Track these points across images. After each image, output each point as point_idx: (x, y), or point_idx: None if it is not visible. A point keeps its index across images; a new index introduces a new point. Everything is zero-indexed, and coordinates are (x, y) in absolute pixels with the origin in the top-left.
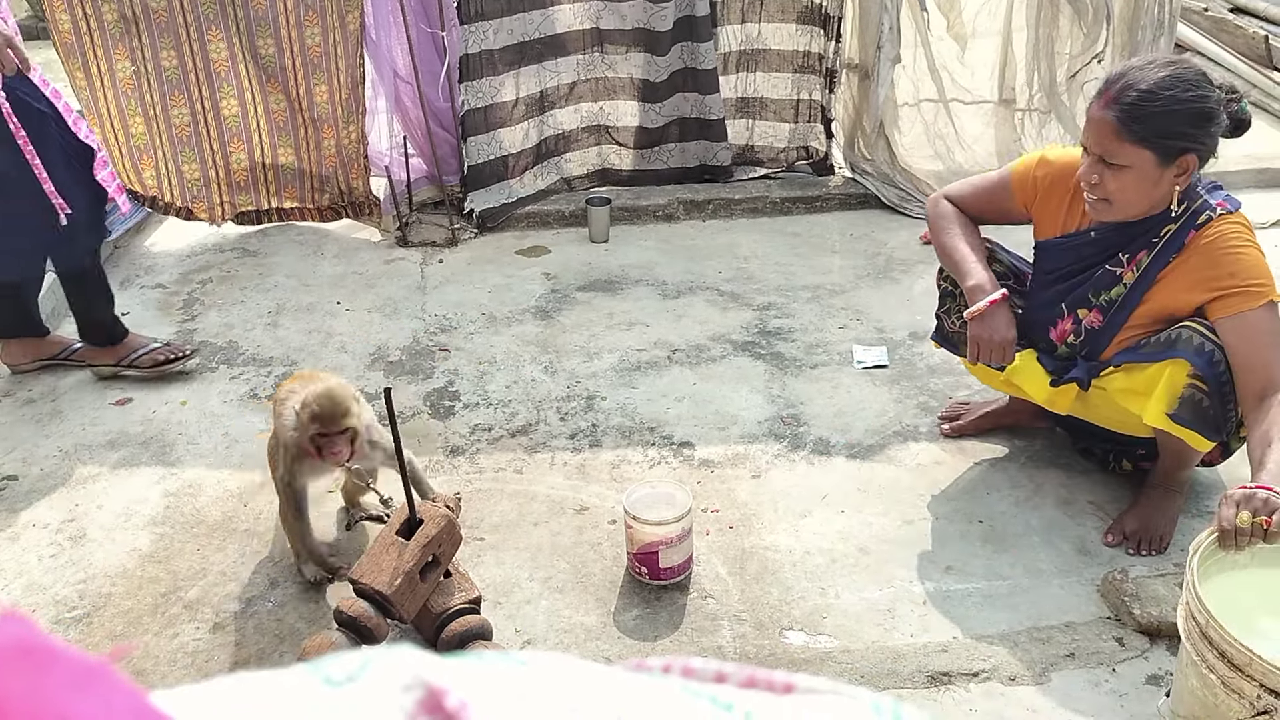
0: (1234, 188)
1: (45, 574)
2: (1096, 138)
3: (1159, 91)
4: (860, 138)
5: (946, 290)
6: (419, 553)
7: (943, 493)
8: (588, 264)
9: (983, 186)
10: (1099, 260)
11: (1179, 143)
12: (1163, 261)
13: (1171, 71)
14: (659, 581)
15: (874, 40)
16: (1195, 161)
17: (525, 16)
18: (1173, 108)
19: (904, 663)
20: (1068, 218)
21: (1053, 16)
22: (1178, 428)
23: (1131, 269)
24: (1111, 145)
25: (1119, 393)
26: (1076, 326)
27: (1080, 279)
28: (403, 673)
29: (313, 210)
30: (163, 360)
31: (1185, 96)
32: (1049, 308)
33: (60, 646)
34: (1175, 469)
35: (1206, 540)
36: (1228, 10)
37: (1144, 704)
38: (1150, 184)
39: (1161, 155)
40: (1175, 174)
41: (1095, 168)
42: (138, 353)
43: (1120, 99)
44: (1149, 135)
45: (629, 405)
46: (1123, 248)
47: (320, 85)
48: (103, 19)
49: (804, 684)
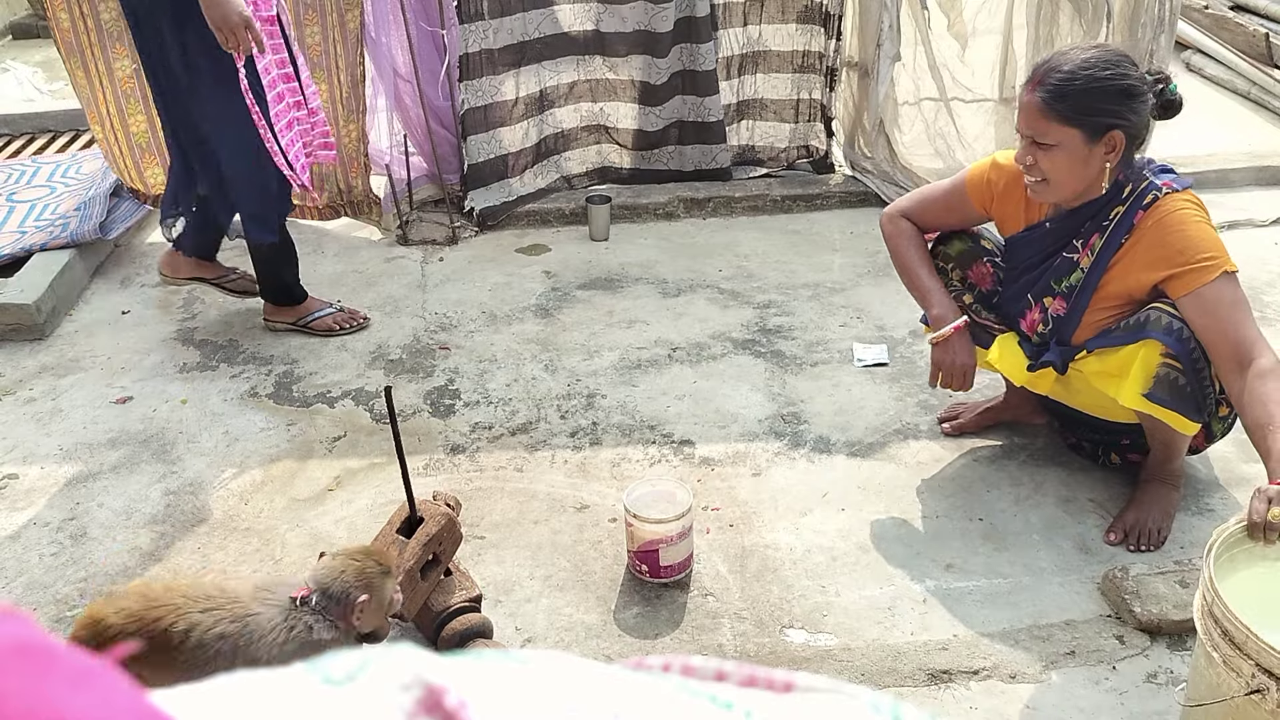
0: (1234, 185)
1: (46, 572)
2: (1026, 120)
3: (1080, 71)
4: (860, 136)
5: (938, 268)
6: (419, 551)
7: (943, 491)
8: (588, 262)
9: (936, 197)
10: (1057, 248)
11: (1104, 119)
12: (1115, 243)
13: (1092, 54)
14: (659, 579)
15: (874, 38)
16: (1123, 139)
17: (525, 16)
18: (1093, 85)
19: (904, 661)
20: (1027, 214)
21: (1053, 14)
22: (1156, 408)
23: (1086, 253)
24: (1040, 125)
25: (1094, 376)
26: (1044, 315)
27: (1042, 269)
28: (402, 671)
29: (311, 209)
30: (335, 326)
31: (1105, 75)
32: (1017, 300)
33: (60, 645)
34: (1165, 460)
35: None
36: (1228, 8)
37: (1144, 702)
38: (1080, 162)
39: (1088, 132)
40: (1105, 151)
41: (1029, 150)
42: (314, 315)
43: (1045, 81)
44: (1073, 113)
45: (629, 403)
46: (1076, 233)
47: (320, 85)
48: (99, 18)
49: (804, 682)
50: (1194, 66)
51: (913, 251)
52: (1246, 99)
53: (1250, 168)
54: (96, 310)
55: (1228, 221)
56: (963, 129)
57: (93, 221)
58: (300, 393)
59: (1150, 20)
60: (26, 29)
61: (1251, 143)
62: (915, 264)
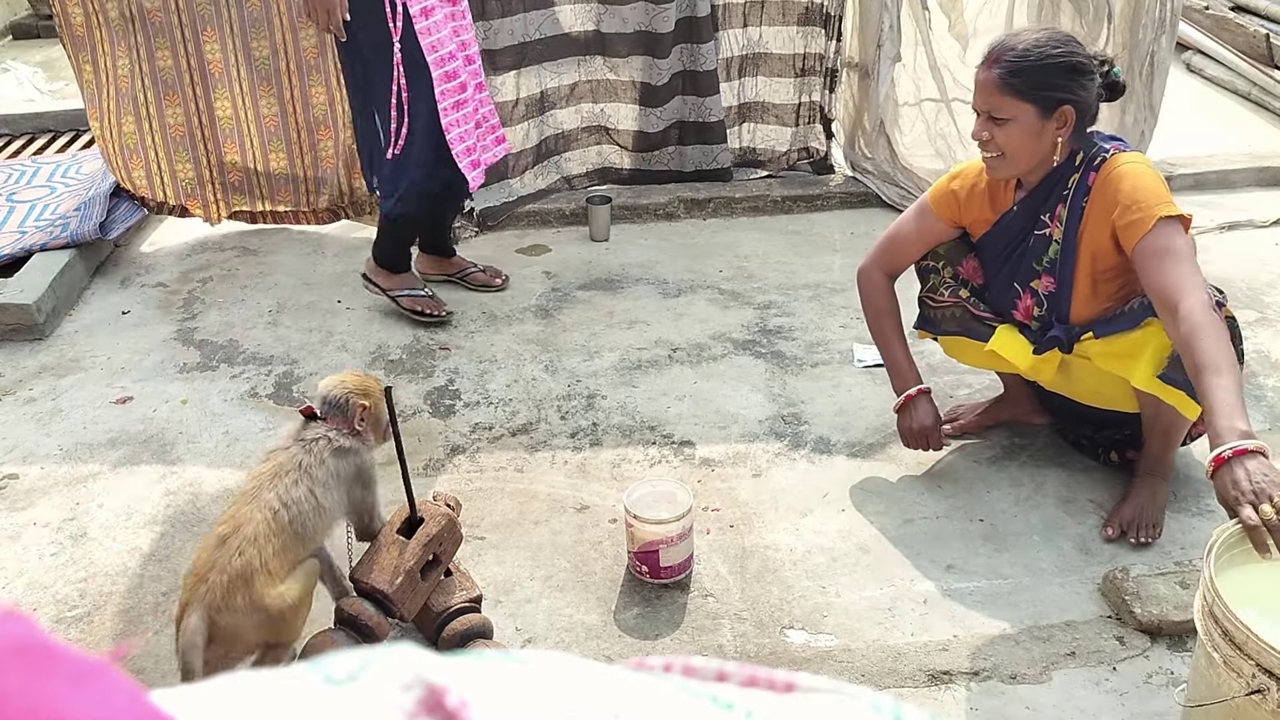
0: (1234, 186)
1: (46, 573)
2: (983, 96)
3: (1033, 49)
4: (861, 136)
5: (929, 267)
6: (420, 551)
7: (943, 491)
8: (588, 262)
9: (906, 231)
10: (1028, 228)
11: (1055, 94)
12: (1078, 208)
13: (1043, 34)
14: (660, 580)
15: (874, 39)
16: (1073, 113)
17: (526, 17)
18: (1045, 62)
19: (905, 661)
20: (994, 206)
21: (1054, 15)
22: (1168, 389)
23: (1056, 224)
24: (995, 101)
25: (1104, 357)
26: (1036, 297)
27: (1019, 252)
28: (403, 671)
29: (307, 213)
30: (418, 310)
31: (1055, 52)
32: (1005, 291)
33: (60, 645)
34: (1162, 451)
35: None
36: (1229, 8)
37: (1144, 703)
38: (1034, 136)
39: (1041, 107)
40: (1057, 126)
41: (985, 125)
42: (405, 291)
43: (1000, 59)
44: (1026, 89)
45: (629, 404)
46: (1042, 208)
47: (317, 87)
48: (107, 14)
49: (805, 683)
50: (1195, 67)
51: (884, 320)
52: (1247, 100)
53: (1251, 168)
54: (96, 310)
55: (1228, 222)
56: (964, 129)
57: (93, 222)
58: (301, 393)
59: (1151, 21)
60: (27, 29)
61: (1252, 143)
62: (884, 334)
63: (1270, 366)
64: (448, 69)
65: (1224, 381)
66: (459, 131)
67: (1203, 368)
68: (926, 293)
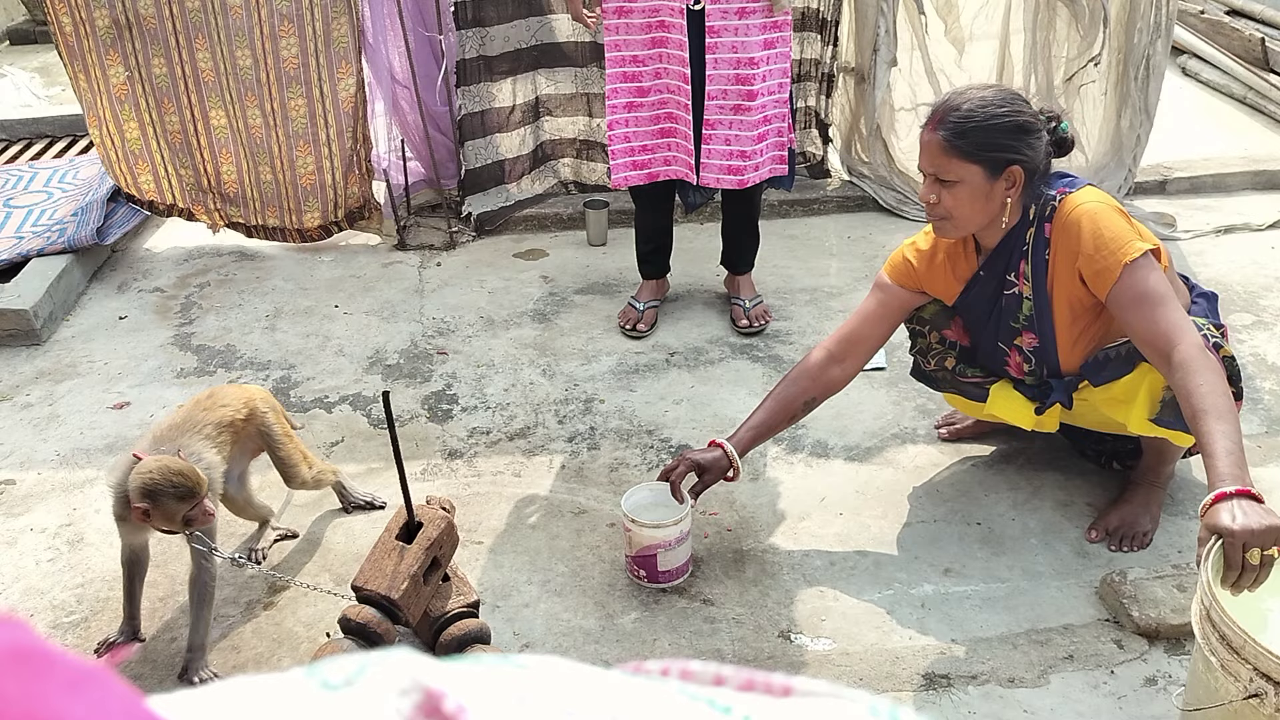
0: (1230, 190)
1: (43, 578)
2: (929, 158)
3: (978, 109)
4: (857, 141)
5: (915, 330)
6: (422, 555)
7: (941, 495)
8: (585, 267)
9: (867, 308)
10: (997, 289)
11: (1003, 154)
12: (1042, 262)
13: (989, 93)
14: (657, 584)
15: (870, 44)
16: (1022, 174)
17: (522, 24)
18: (990, 122)
19: (902, 665)
20: (957, 274)
21: (1050, 20)
22: (1163, 430)
23: (1023, 281)
24: (942, 162)
25: (1102, 403)
26: (1023, 354)
27: (995, 314)
28: (400, 676)
29: (293, 232)
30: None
31: (1000, 112)
32: (994, 352)
33: (57, 651)
34: (1159, 465)
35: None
36: (1224, 13)
37: (1142, 706)
38: (983, 197)
39: (989, 168)
40: (1005, 186)
41: (932, 187)
42: (630, 300)
43: (945, 120)
44: (973, 150)
45: (627, 408)
46: (1006, 269)
47: (297, 100)
48: (94, 24)
49: (803, 686)
50: (1190, 71)
51: (781, 385)
52: (1243, 103)
53: (1246, 172)
54: (94, 315)
55: (1224, 226)
56: None
57: (90, 227)
58: (298, 398)
59: (1147, 25)
60: (24, 34)
61: (1247, 147)
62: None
63: (1267, 370)
64: (625, 70)
65: (1224, 428)
66: (623, 131)
67: (1201, 414)
68: (916, 354)
